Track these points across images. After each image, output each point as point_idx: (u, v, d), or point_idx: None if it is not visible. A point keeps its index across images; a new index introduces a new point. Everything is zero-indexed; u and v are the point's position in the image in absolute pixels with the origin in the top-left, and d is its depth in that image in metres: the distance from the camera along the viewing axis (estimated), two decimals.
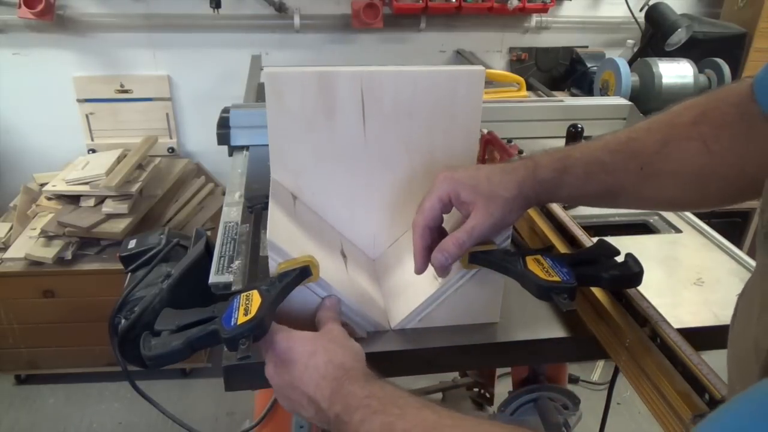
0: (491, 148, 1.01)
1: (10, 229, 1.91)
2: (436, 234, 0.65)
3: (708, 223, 1.02)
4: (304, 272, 0.62)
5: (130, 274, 0.89)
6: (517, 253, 0.66)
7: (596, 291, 0.71)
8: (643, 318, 0.64)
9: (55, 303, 1.86)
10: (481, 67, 0.74)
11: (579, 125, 1.08)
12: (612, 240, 0.69)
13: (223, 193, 1.51)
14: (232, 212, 0.86)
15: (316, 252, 0.65)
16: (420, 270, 0.65)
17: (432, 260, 0.63)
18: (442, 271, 0.64)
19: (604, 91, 1.90)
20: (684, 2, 2.31)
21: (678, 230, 1.02)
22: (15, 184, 2.08)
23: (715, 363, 0.57)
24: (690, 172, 0.59)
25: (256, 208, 0.89)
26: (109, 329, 0.79)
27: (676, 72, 1.83)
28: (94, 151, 2.18)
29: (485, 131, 1.02)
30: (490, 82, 1.75)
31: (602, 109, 1.32)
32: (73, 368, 2.01)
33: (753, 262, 0.88)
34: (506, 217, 0.62)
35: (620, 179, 0.62)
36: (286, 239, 0.64)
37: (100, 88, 2.13)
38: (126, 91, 2.15)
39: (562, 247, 0.80)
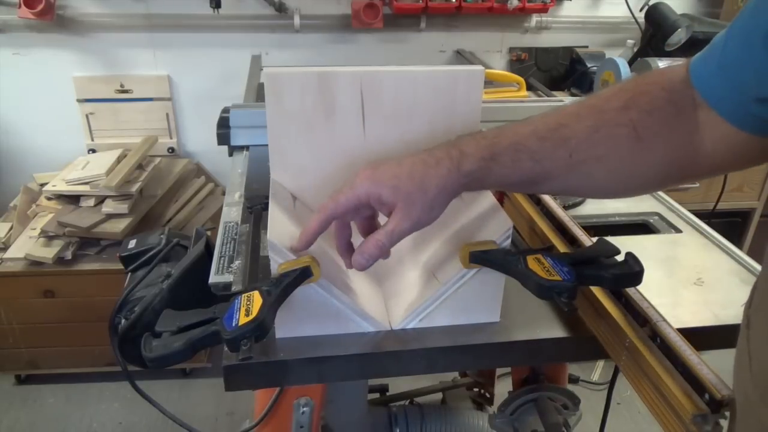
0: None
1: (10, 229, 1.91)
2: (340, 225, 0.66)
3: (708, 223, 1.02)
4: (305, 273, 0.63)
5: (130, 274, 0.90)
6: (517, 253, 0.66)
7: (596, 291, 0.71)
8: (643, 318, 0.64)
9: (55, 303, 1.86)
10: (480, 67, 0.74)
11: None
12: (612, 240, 0.69)
13: (223, 193, 1.51)
14: (232, 212, 0.86)
15: (316, 252, 0.65)
16: (299, 248, 0.64)
17: (353, 263, 0.63)
18: (363, 270, 0.64)
19: None
20: (684, 2, 2.31)
21: (678, 230, 1.02)
22: (15, 184, 2.08)
23: (715, 363, 0.57)
24: (618, 158, 0.59)
25: (256, 208, 0.89)
26: (109, 329, 0.79)
27: None
28: (94, 151, 2.18)
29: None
30: (490, 82, 1.75)
31: None
32: (73, 368, 2.01)
33: (753, 262, 0.89)
34: (427, 215, 0.61)
35: (547, 167, 0.60)
36: (286, 240, 0.65)
37: (100, 88, 2.13)
38: (126, 91, 2.15)
39: (562, 247, 0.80)
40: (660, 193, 1.14)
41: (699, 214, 1.05)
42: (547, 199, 0.89)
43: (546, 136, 0.60)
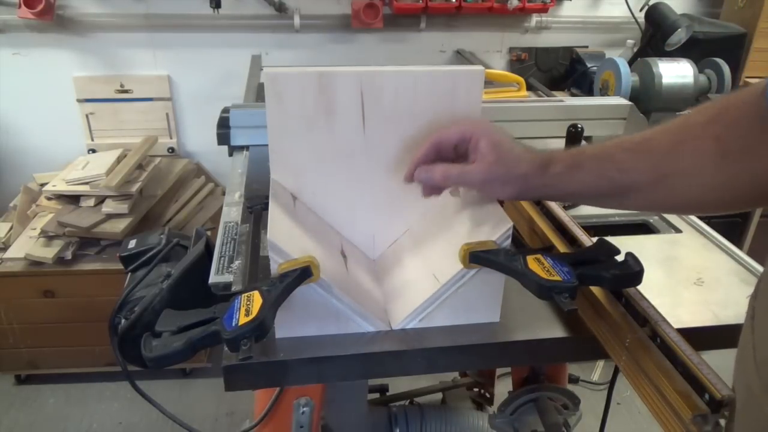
0: None
1: (10, 229, 1.91)
2: (439, 158, 0.69)
3: (708, 223, 1.01)
4: (304, 273, 0.63)
5: (130, 274, 0.90)
6: (517, 253, 0.66)
7: (596, 291, 0.71)
8: (643, 318, 0.64)
9: (55, 303, 1.86)
10: (480, 67, 0.74)
11: (579, 125, 1.07)
12: (612, 240, 0.69)
13: (223, 193, 1.51)
14: (232, 212, 0.86)
15: (316, 252, 0.65)
16: (406, 179, 0.70)
17: (416, 173, 0.68)
18: (424, 189, 0.71)
19: (604, 91, 1.89)
20: (684, 2, 2.31)
21: (678, 230, 1.02)
22: (15, 184, 2.08)
23: (715, 363, 0.57)
24: (701, 172, 0.58)
25: (256, 208, 0.89)
26: (109, 329, 0.79)
27: (676, 72, 1.83)
28: (94, 151, 2.18)
29: None
30: (490, 82, 1.74)
31: (602, 109, 1.32)
32: (73, 368, 2.01)
33: (753, 262, 0.89)
34: (500, 185, 0.65)
35: (632, 177, 0.61)
36: (286, 239, 0.65)
37: (100, 88, 2.13)
38: (126, 91, 2.15)
39: (562, 247, 0.80)
40: None
41: (699, 214, 1.04)
42: None
43: (631, 147, 0.62)
